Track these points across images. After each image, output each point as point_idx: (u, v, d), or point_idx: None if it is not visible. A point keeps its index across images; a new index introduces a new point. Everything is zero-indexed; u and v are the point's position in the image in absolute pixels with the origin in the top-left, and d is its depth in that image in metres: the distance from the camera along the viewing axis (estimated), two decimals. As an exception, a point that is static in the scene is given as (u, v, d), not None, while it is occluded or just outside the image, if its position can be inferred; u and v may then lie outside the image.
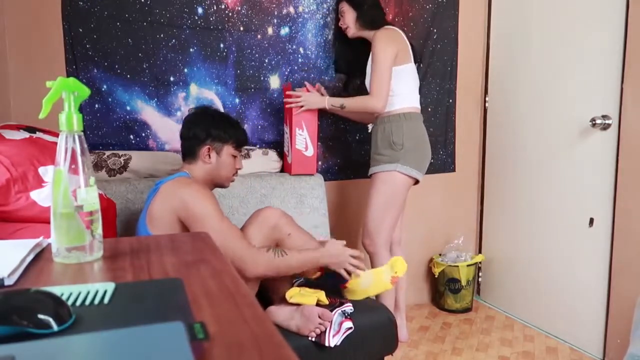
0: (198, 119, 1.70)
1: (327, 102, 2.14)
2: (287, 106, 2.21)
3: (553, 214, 2.40)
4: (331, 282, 1.74)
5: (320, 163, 2.47)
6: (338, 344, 1.53)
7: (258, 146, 2.35)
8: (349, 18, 2.17)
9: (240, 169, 1.76)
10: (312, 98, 2.15)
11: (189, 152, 1.69)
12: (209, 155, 1.66)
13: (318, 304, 1.61)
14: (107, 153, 2.01)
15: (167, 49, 2.16)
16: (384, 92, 2.04)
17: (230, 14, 2.25)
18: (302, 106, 2.14)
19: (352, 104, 2.13)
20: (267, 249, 1.54)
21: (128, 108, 2.13)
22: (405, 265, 1.78)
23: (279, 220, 1.67)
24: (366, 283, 1.71)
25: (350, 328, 1.58)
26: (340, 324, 1.57)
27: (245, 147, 2.26)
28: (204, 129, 1.66)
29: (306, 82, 2.23)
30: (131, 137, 2.15)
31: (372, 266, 2.12)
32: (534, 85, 2.49)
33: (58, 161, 0.76)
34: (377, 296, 2.21)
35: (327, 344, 1.51)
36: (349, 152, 2.57)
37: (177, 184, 1.56)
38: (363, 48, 2.19)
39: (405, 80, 2.12)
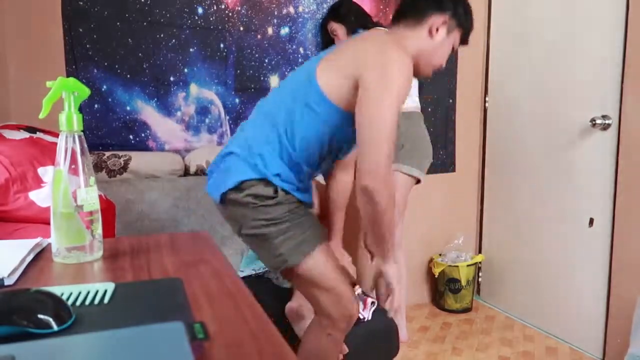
0: None
1: None
2: None
3: (553, 214, 2.40)
4: None
5: (320, 163, 2.47)
6: (369, 318, 1.65)
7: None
8: (342, 34, 2.20)
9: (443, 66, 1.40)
10: None
11: (416, 11, 1.28)
12: (438, 29, 1.28)
13: None
14: (107, 154, 2.01)
15: (167, 49, 2.16)
16: None
17: (230, 14, 2.25)
18: None
19: None
20: None
21: (128, 108, 2.13)
22: None
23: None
24: None
25: (373, 302, 1.68)
26: (364, 300, 1.69)
27: None
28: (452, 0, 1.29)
29: None
30: (131, 137, 2.15)
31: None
32: (534, 85, 2.49)
33: (58, 161, 0.76)
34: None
35: (363, 318, 1.63)
36: (349, 152, 2.56)
37: (385, 39, 1.19)
38: None
39: None
